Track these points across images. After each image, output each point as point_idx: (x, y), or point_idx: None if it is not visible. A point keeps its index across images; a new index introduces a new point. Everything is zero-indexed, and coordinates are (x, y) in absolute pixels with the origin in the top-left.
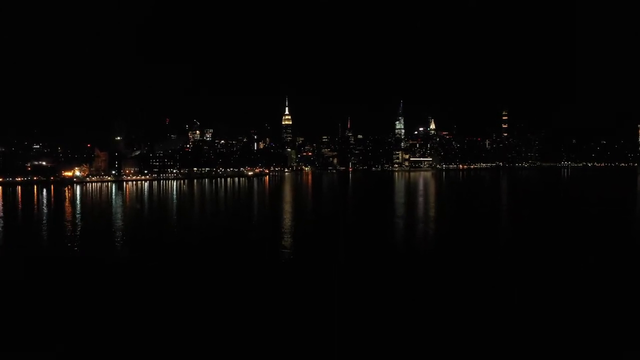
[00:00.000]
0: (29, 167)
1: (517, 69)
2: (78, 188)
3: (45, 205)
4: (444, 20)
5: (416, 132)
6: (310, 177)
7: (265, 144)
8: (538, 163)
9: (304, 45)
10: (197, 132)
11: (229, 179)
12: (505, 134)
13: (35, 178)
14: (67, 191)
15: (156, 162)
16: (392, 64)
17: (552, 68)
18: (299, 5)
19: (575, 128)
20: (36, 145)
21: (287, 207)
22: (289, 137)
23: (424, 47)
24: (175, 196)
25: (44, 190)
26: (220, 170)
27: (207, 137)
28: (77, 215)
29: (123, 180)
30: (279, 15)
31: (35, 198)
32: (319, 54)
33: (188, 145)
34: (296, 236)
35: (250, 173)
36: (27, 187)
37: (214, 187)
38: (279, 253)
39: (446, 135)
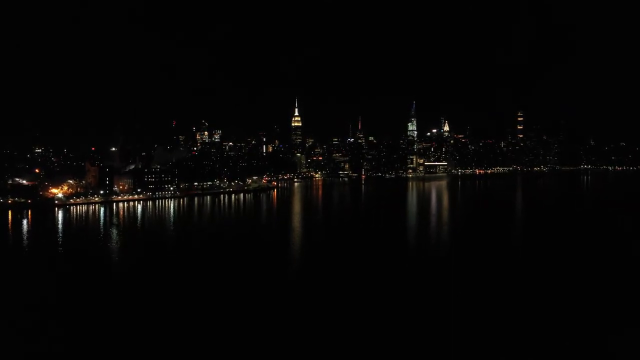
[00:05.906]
0: (9, 185)
1: (529, 69)
2: (60, 215)
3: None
4: (453, 19)
5: (429, 134)
6: (320, 189)
7: (274, 146)
8: (557, 167)
9: (314, 44)
10: (206, 133)
11: (233, 196)
12: (521, 136)
13: (10, 201)
14: (46, 219)
15: (152, 177)
16: (404, 63)
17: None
18: (308, 4)
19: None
20: (38, 149)
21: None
22: (299, 139)
23: (435, 47)
24: (172, 225)
25: (23, 219)
26: (225, 183)
27: (215, 139)
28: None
29: (113, 201)
30: (288, 14)
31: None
32: (329, 54)
33: (195, 149)
34: None
35: (255, 185)
36: (2, 213)
37: (216, 209)
38: None
39: (461, 138)
